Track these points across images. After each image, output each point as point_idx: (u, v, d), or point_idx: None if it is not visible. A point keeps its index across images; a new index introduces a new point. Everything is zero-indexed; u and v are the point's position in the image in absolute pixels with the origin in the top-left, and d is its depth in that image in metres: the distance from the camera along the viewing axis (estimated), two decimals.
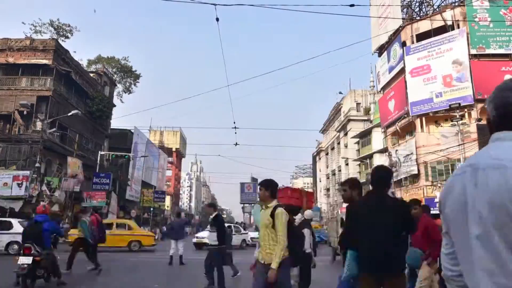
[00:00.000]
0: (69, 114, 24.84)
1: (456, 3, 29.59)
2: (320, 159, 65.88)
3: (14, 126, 26.98)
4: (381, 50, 34.96)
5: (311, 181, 78.85)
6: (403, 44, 30.59)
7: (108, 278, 9.25)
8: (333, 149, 55.89)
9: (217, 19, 10.89)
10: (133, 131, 40.56)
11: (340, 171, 50.56)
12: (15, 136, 26.25)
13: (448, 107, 26.36)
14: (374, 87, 44.44)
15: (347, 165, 46.53)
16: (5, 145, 25.81)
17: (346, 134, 47.74)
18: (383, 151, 35.82)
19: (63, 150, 28.39)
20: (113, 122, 41.57)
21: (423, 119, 28.60)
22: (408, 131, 31.00)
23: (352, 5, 9.91)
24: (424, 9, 32.34)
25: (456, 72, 27.04)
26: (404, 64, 29.88)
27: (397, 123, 31.63)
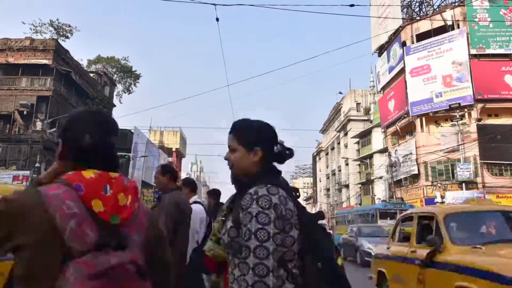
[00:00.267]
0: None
1: (456, 3, 29.61)
2: (320, 159, 65.91)
3: (14, 126, 27.01)
4: (381, 50, 34.97)
5: (311, 181, 78.89)
6: (403, 44, 30.60)
7: None
8: (333, 149, 55.90)
9: (217, 19, 10.90)
10: (133, 131, 40.54)
11: (340, 171, 50.58)
12: (15, 136, 26.28)
13: (448, 107, 26.38)
14: (374, 87, 44.46)
15: (347, 165, 46.53)
16: (5, 145, 25.82)
17: (346, 134, 47.75)
18: (383, 151, 35.83)
19: None
20: None
21: (423, 119, 28.61)
22: (408, 131, 31.01)
23: (352, 5, 9.93)
24: (424, 9, 32.41)
25: (456, 72, 27.05)
26: (404, 64, 29.89)
27: (397, 123, 31.64)
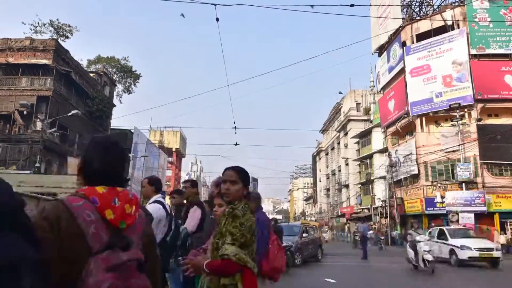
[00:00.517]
0: (69, 114, 24.83)
1: (456, 3, 29.60)
2: (320, 159, 65.91)
3: (14, 126, 26.98)
4: (381, 50, 34.97)
5: (311, 181, 78.88)
6: (403, 44, 30.59)
7: None
8: (333, 149, 55.90)
9: (217, 19, 10.89)
10: (133, 131, 40.53)
11: (340, 171, 50.59)
12: (15, 136, 26.25)
13: (448, 107, 26.39)
14: (374, 87, 44.46)
15: (347, 165, 46.54)
16: (5, 145, 25.80)
17: (346, 134, 47.76)
18: (383, 151, 35.83)
19: (63, 150, 28.41)
20: (113, 122, 41.64)
21: (423, 119, 28.61)
22: (408, 131, 31.01)
23: (352, 5, 9.92)
24: (424, 9, 32.39)
25: (456, 72, 27.05)
26: (404, 64, 29.89)
27: (397, 123, 31.64)
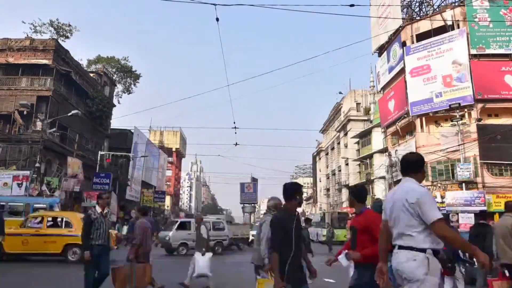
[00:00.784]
0: (69, 114, 24.84)
1: (456, 3, 29.58)
2: (320, 159, 65.90)
3: (14, 126, 26.97)
4: (381, 50, 34.95)
5: (311, 181, 78.85)
6: (403, 44, 30.57)
7: None
8: (333, 149, 55.89)
9: (217, 19, 10.89)
10: (133, 131, 40.54)
11: (340, 171, 50.59)
12: (15, 136, 26.24)
13: (448, 107, 26.38)
14: (374, 87, 44.44)
15: (347, 165, 46.53)
16: (5, 145, 25.79)
17: (346, 134, 47.75)
18: (383, 151, 35.83)
19: (63, 150, 28.39)
20: (113, 122, 41.61)
21: (423, 119, 28.60)
22: (408, 131, 31.00)
23: (352, 5, 9.91)
24: (424, 9, 32.35)
25: (456, 72, 27.03)
26: (404, 64, 29.87)
27: (397, 123, 31.63)
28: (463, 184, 25.34)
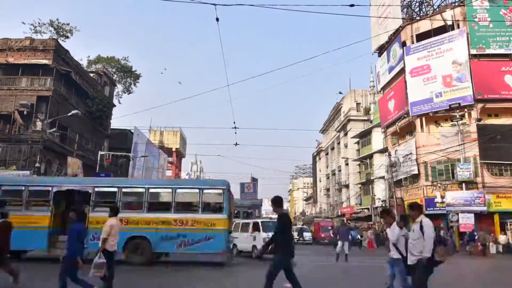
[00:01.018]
0: (69, 114, 24.84)
1: (456, 3, 29.58)
2: (320, 159, 65.90)
3: (14, 126, 26.97)
4: (381, 50, 34.96)
5: (311, 181, 78.85)
6: (403, 44, 30.57)
7: None
8: (333, 149, 55.89)
9: (217, 19, 10.91)
10: (133, 131, 40.52)
11: (340, 171, 50.59)
12: (15, 136, 26.25)
13: (448, 107, 26.39)
14: (374, 87, 44.46)
15: (347, 165, 46.54)
16: (5, 145, 25.80)
17: (346, 134, 47.76)
18: (383, 151, 35.84)
19: (63, 150, 28.40)
20: (113, 122, 41.61)
21: (423, 119, 28.60)
22: (408, 131, 31.00)
23: (352, 5, 9.92)
24: (424, 9, 32.34)
25: (456, 72, 27.04)
26: (404, 64, 29.87)
27: (397, 123, 31.63)
28: (463, 184, 25.34)
